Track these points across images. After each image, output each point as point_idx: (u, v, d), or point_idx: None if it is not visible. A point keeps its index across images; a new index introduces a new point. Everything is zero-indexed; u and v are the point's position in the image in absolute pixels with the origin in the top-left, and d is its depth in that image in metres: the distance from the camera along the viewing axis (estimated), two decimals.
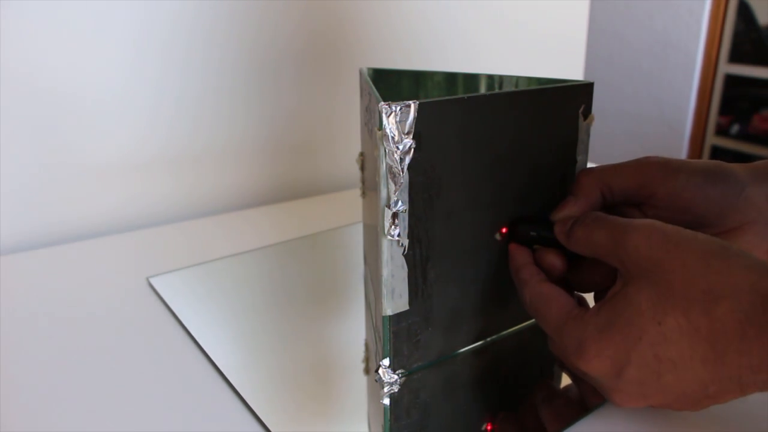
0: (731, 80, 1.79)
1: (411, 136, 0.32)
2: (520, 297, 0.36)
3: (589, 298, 0.38)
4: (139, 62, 0.61)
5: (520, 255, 0.37)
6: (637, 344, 0.29)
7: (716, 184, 0.35)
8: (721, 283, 0.27)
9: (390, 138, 0.31)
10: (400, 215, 0.33)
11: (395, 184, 0.32)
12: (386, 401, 0.36)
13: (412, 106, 0.31)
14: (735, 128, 1.82)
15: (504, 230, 0.38)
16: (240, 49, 0.66)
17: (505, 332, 0.42)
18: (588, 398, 0.37)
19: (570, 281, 0.38)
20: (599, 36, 2.01)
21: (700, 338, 0.27)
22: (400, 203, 0.33)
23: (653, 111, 1.95)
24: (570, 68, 0.99)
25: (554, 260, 0.37)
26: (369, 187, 0.43)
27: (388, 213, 0.33)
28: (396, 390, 0.37)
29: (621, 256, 0.31)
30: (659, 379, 0.29)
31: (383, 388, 0.36)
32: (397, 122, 0.31)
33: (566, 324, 0.32)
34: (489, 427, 0.36)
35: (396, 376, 0.37)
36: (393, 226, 0.33)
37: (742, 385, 0.27)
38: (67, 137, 0.59)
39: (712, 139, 1.87)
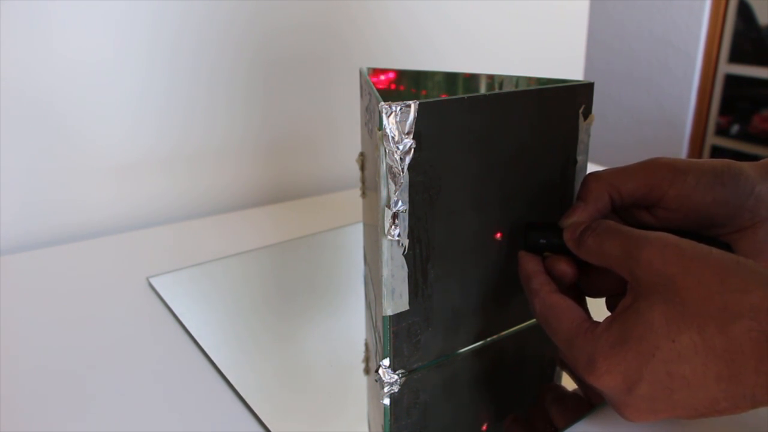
0: (731, 80, 1.79)
1: (411, 136, 0.32)
2: (530, 306, 0.36)
3: (599, 302, 0.38)
4: (144, 63, 0.61)
5: (530, 263, 0.37)
6: (649, 361, 0.28)
7: (726, 184, 0.34)
8: (738, 301, 0.27)
9: (390, 138, 0.31)
10: (400, 215, 0.33)
11: (395, 184, 0.32)
12: (386, 401, 0.36)
13: (412, 106, 0.31)
14: (735, 128, 1.82)
15: (498, 235, 0.38)
16: (241, 49, 0.66)
17: (505, 332, 0.42)
18: (590, 398, 0.37)
19: (581, 286, 0.38)
20: (599, 36, 2.01)
21: (714, 356, 0.27)
22: (400, 203, 0.33)
23: (653, 111, 1.95)
24: (570, 68, 0.99)
25: (565, 268, 0.36)
26: (369, 187, 0.43)
27: (388, 213, 0.33)
28: (396, 390, 0.37)
29: (632, 269, 0.30)
30: (671, 396, 0.29)
31: (383, 388, 0.36)
32: (397, 122, 0.31)
33: (576, 338, 0.32)
34: (485, 428, 0.36)
35: (396, 376, 0.37)
36: (393, 226, 0.33)
37: (755, 402, 0.27)
38: (68, 138, 0.59)
39: (712, 139, 1.87)
